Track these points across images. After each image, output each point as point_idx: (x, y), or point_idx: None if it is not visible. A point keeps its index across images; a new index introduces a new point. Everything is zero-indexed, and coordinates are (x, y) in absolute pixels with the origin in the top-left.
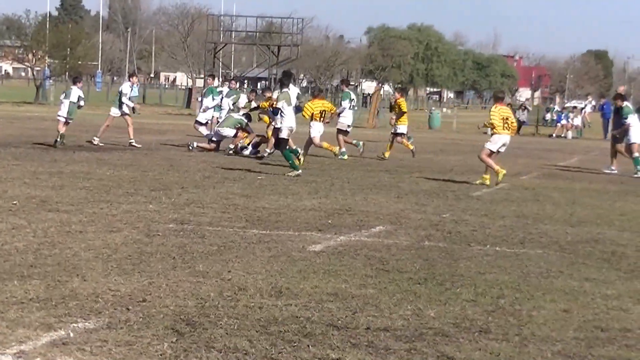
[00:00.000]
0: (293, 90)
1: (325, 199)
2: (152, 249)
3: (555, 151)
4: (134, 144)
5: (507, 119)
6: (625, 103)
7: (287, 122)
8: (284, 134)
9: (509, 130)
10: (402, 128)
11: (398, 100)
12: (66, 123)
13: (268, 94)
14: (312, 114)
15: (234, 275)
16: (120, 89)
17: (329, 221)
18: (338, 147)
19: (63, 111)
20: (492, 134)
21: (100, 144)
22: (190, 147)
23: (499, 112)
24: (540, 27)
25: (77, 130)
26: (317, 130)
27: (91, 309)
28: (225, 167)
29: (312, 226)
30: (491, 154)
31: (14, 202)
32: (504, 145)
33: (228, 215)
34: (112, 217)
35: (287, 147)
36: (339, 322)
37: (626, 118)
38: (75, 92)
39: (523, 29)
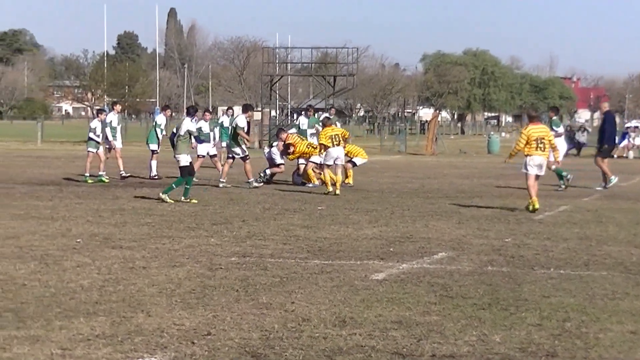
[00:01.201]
0: (303, 121)
1: (386, 227)
2: (215, 282)
3: (616, 172)
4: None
5: (541, 139)
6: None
7: None
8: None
9: (543, 150)
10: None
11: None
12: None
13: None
14: (323, 145)
15: (297, 306)
16: (154, 121)
17: (391, 249)
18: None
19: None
20: (515, 154)
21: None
22: (261, 176)
23: (528, 133)
24: (597, 47)
25: (137, 166)
26: (332, 155)
27: (157, 344)
28: (285, 198)
29: (373, 255)
30: (533, 178)
31: (78, 240)
32: (539, 166)
33: (289, 246)
34: (174, 252)
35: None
36: (404, 350)
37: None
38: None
39: (579, 50)
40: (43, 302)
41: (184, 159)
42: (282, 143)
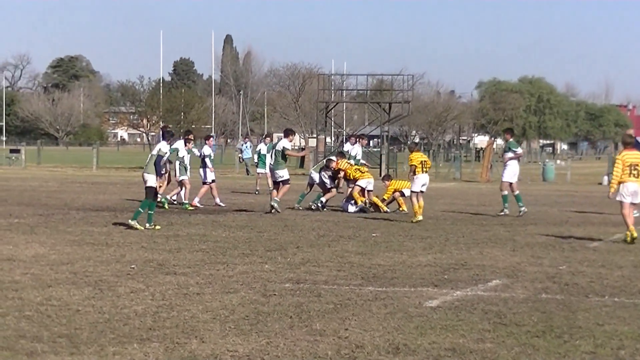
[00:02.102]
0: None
1: (441, 254)
2: (268, 308)
3: None
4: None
5: (635, 165)
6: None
7: None
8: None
9: (637, 177)
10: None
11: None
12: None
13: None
14: (414, 165)
15: (351, 333)
16: (202, 151)
17: (445, 276)
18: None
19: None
20: (618, 185)
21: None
22: (317, 205)
23: (622, 158)
24: None
25: (192, 192)
26: (421, 181)
27: None
28: (339, 225)
29: (427, 282)
30: (628, 206)
31: (132, 266)
32: (634, 194)
33: (343, 273)
34: (228, 278)
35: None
36: None
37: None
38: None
39: (635, 77)
40: (97, 328)
41: (151, 180)
42: (333, 170)
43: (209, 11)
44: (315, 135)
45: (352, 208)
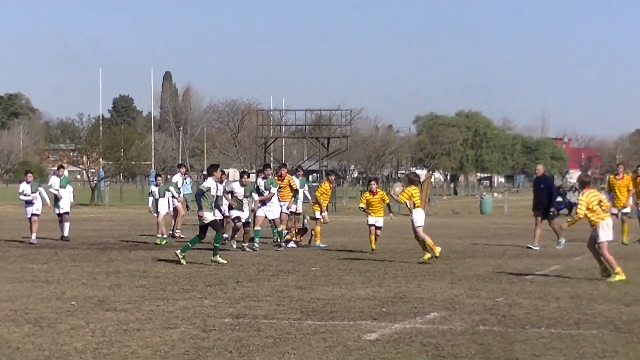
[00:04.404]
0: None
1: (379, 287)
2: (208, 343)
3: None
4: (178, 234)
5: (601, 201)
6: None
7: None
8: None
9: (607, 212)
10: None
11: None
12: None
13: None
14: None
15: None
16: (173, 180)
17: (384, 309)
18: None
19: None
20: (595, 223)
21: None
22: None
23: (588, 199)
24: (587, 109)
25: (132, 229)
26: (421, 218)
27: None
28: (279, 260)
29: (366, 315)
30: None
31: (72, 303)
32: (612, 229)
33: (283, 307)
34: (168, 313)
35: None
36: None
37: None
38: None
39: (571, 111)
40: None
41: (208, 216)
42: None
43: (147, 48)
44: (254, 171)
45: (291, 244)
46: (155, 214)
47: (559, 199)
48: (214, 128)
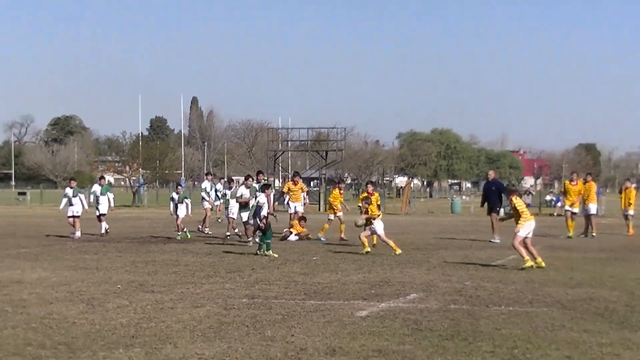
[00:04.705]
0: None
1: (369, 274)
2: (229, 319)
3: (555, 227)
4: (207, 231)
5: (527, 205)
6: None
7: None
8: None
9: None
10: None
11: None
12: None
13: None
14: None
15: (296, 338)
16: (202, 186)
17: (372, 291)
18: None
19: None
20: (520, 222)
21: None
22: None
23: (518, 202)
24: (539, 127)
25: (166, 226)
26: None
27: None
28: (286, 251)
29: (358, 296)
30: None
31: (118, 286)
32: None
33: (290, 290)
34: (196, 295)
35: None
36: None
37: None
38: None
39: (526, 129)
40: (90, 337)
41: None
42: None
43: (178, 78)
44: (266, 178)
45: (293, 237)
46: (175, 216)
47: None
48: (232, 143)
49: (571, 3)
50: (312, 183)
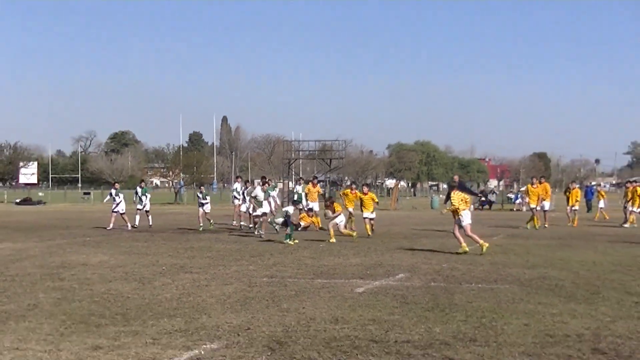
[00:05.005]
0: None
1: (365, 258)
2: (252, 295)
3: (514, 220)
4: (234, 224)
5: (464, 198)
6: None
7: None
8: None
9: (468, 205)
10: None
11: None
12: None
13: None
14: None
15: (307, 309)
16: (233, 187)
17: (368, 272)
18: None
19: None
20: (459, 213)
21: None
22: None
23: (457, 196)
24: (502, 138)
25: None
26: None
27: (214, 335)
28: (298, 238)
29: (356, 275)
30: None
31: (163, 268)
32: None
33: (301, 271)
34: (226, 275)
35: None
36: (377, 338)
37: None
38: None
39: (491, 139)
40: (140, 309)
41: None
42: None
43: (212, 100)
44: (281, 181)
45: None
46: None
47: (483, 198)
48: (254, 152)
49: (527, 32)
50: (318, 185)
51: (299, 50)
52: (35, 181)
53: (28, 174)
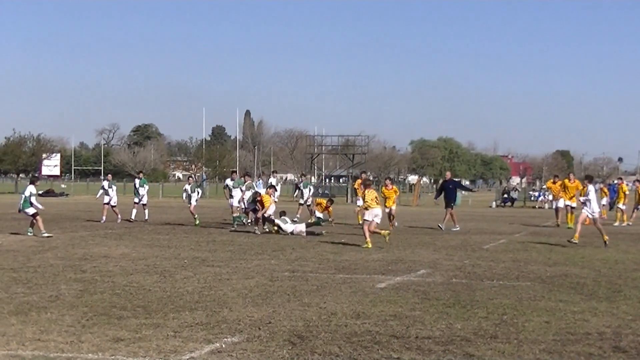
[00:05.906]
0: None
1: (387, 253)
2: (274, 289)
3: (537, 217)
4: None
5: (376, 197)
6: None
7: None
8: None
9: (378, 204)
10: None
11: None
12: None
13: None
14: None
15: (328, 304)
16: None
17: (389, 267)
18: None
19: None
20: (367, 207)
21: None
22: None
23: (370, 194)
24: (525, 135)
25: (224, 213)
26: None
27: (236, 329)
28: (320, 234)
29: (378, 271)
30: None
31: (185, 261)
32: (378, 215)
33: (323, 265)
34: (247, 269)
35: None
36: (398, 333)
37: None
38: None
39: (513, 137)
40: (162, 301)
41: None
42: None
43: (235, 94)
44: (305, 176)
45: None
46: (188, 205)
47: (505, 195)
48: (277, 147)
49: (553, 29)
50: (340, 180)
51: (323, 45)
52: (58, 173)
53: (51, 165)
